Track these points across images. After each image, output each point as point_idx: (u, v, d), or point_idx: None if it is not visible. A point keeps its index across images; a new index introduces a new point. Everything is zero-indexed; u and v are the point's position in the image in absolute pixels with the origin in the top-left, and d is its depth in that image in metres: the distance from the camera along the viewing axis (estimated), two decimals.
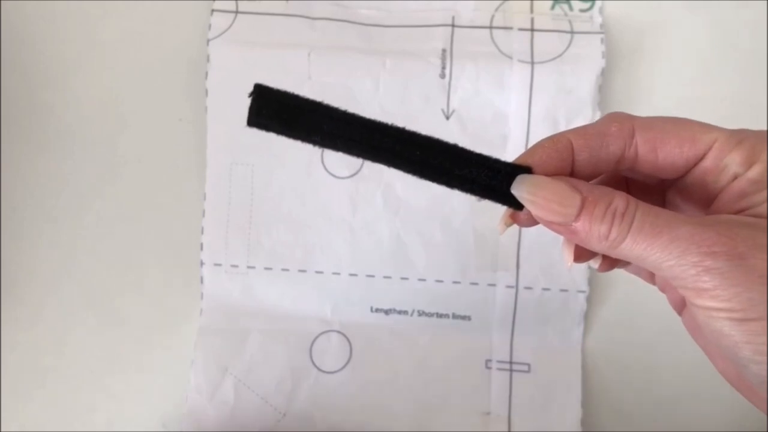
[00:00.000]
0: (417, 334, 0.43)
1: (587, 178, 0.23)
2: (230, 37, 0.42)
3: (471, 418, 0.42)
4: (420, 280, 0.42)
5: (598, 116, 0.41)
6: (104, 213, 0.44)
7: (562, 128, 0.41)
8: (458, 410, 0.42)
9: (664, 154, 0.22)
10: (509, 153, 0.42)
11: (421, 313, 0.42)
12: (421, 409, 0.42)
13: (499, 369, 0.42)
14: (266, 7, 0.43)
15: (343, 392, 0.42)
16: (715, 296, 0.19)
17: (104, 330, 0.43)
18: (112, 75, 0.44)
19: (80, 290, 0.44)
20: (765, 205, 0.20)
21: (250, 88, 0.21)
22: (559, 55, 0.41)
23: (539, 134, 0.41)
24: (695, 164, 0.22)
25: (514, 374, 0.42)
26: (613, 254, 0.21)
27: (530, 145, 0.41)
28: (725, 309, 0.19)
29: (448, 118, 0.42)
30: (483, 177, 0.22)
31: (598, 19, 0.42)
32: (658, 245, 0.20)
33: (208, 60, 0.42)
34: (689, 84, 0.43)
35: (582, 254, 0.24)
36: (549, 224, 0.22)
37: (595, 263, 0.24)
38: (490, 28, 0.42)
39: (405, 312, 0.43)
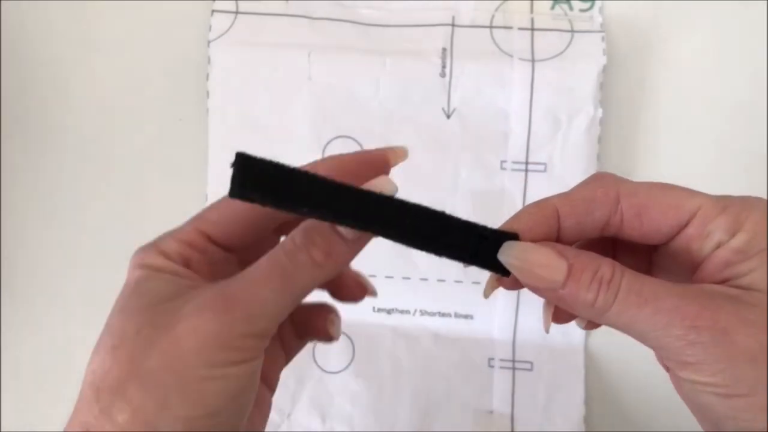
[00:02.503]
0: (419, 334, 0.42)
1: (573, 242, 0.23)
2: (231, 38, 0.42)
3: (474, 416, 0.41)
4: (422, 279, 0.42)
5: (599, 114, 0.41)
6: (104, 213, 0.44)
7: (564, 126, 0.41)
8: (461, 409, 0.41)
9: (649, 221, 0.22)
10: (511, 151, 0.42)
11: (423, 313, 0.42)
12: (424, 408, 0.42)
13: (502, 368, 0.42)
14: (266, 7, 0.43)
15: (347, 392, 0.42)
16: (700, 370, 0.19)
17: None
18: (112, 75, 0.44)
19: (80, 290, 0.43)
20: (749, 276, 0.20)
21: (233, 157, 0.19)
22: (560, 53, 0.41)
23: (540, 132, 0.41)
24: (680, 231, 0.22)
25: (517, 373, 0.42)
26: (600, 321, 0.21)
27: (531, 143, 0.41)
28: (710, 383, 0.19)
29: (448, 117, 0.42)
30: (470, 244, 0.22)
31: (599, 19, 0.42)
32: (643, 316, 0.20)
33: (209, 62, 0.42)
34: (690, 82, 0.43)
35: (562, 315, 0.24)
36: (535, 290, 0.22)
37: (581, 323, 0.24)
38: (490, 27, 0.42)
39: (407, 311, 0.42)
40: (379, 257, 0.42)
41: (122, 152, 0.44)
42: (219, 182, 0.42)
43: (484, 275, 0.41)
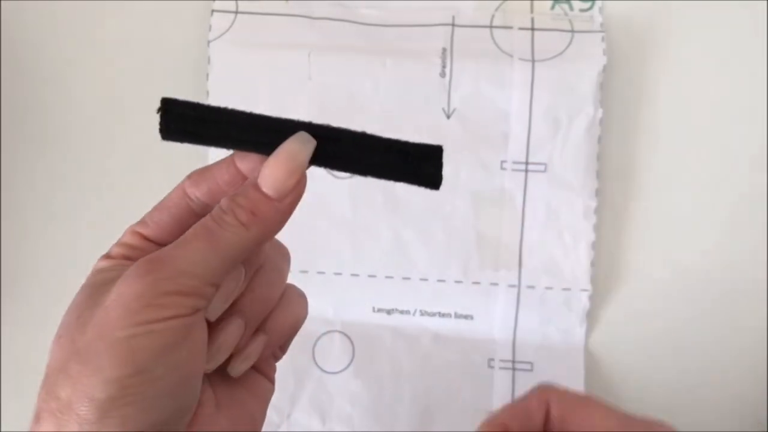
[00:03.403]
0: (419, 334, 0.42)
1: None
2: (231, 38, 0.42)
3: (474, 417, 0.41)
4: (422, 279, 0.42)
5: (599, 114, 0.41)
6: (104, 213, 0.44)
7: (564, 126, 0.41)
8: (461, 410, 0.41)
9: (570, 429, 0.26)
10: (511, 151, 0.42)
11: (423, 313, 0.42)
12: (424, 409, 0.42)
13: (502, 368, 0.42)
14: (266, 7, 0.43)
15: (346, 392, 0.42)
16: None
17: None
18: (112, 75, 0.44)
19: None
20: None
21: (159, 104, 0.22)
22: (560, 53, 0.41)
23: (540, 132, 0.41)
24: None
25: (517, 373, 0.42)
26: None
27: (531, 143, 0.41)
28: None
29: (448, 117, 0.42)
30: (394, 161, 0.22)
31: (599, 19, 0.42)
32: None
33: (209, 62, 0.42)
34: (690, 82, 0.43)
35: None
36: None
37: None
38: (491, 27, 0.42)
39: (407, 312, 0.42)
40: (378, 257, 0.42)
41: (122, 152, 0.44)
42: None
43: (484, 275, 0.42)
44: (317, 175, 0.43)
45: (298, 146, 0.22)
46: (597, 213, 0.42)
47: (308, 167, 0.22)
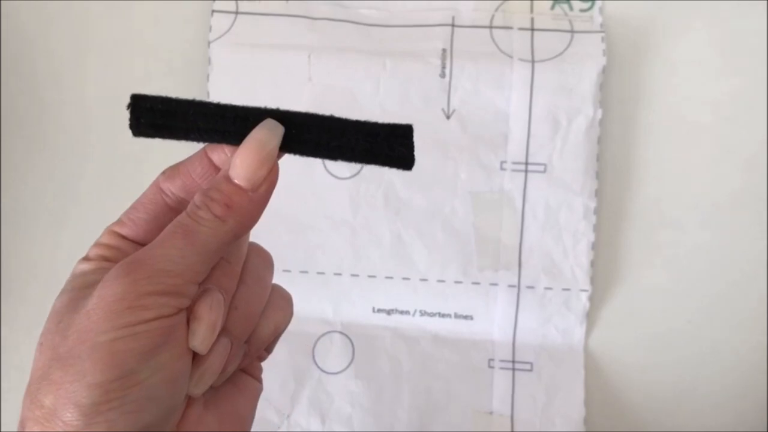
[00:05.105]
0: (419, 334, 0.42)
1: None
2: (231, 39, 0.42)
3: (474, 417, 0.41)
4: (422, 280, 0.42)
5: (599, 115, 0.41)
6: (104, 213, 0.43)
7: (563, 127, 0.41)
8: (461, 410, 0.41)
9: None
10: (510, 152, 0.42)
11: (423, 313, 0.42)
12: (424, 409, 0.42)
13: (502, 368, 0.42)
14: (266, 7, 0.43)
15: (346, 393, 0.42)
16: None
17: None
18: (112, 75, 0.44)
19: None
20: None
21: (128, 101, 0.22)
22: (560, 54, 0.41)
23: (540, 133, 0.41)
24: None
25: (517, 374, 0.42)
26: None
27: (531, 143, 0.41)
28: None
29: (448, 117, 0.42)
30: (364, 143, 0.22)
31: (599, 19, 0.42)
32: None
33: (209, 62, 0.42)
34: (689, 83, 0.43)
35: None
36: None
37: None
38: (490, 27, 0.42)
39: (407, 312, 0.42)
40: (378, 258, 0.42)
41: (122, 153, 0.44)
42: None
43: (484, 276, 0.42)
44: (317, 175, 0.43)
45: (267, 134, 0.21)
46: (596, 213, 0.42)
47: (280, 155, 0.22)
